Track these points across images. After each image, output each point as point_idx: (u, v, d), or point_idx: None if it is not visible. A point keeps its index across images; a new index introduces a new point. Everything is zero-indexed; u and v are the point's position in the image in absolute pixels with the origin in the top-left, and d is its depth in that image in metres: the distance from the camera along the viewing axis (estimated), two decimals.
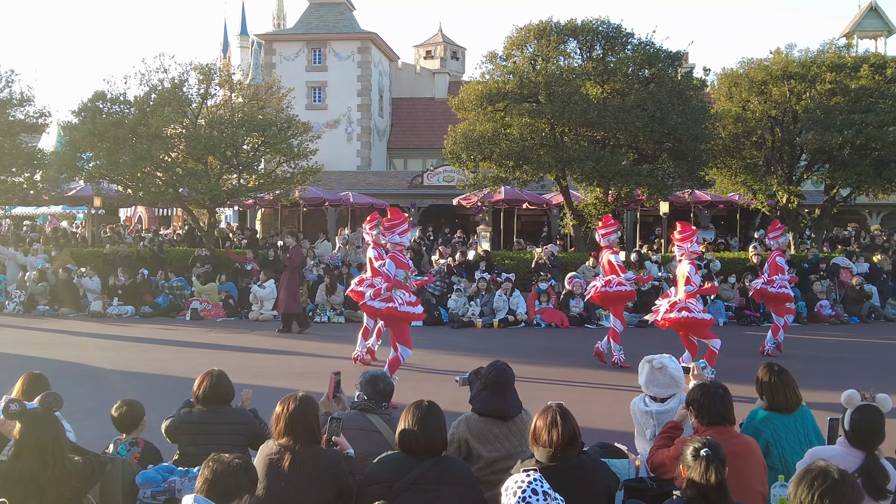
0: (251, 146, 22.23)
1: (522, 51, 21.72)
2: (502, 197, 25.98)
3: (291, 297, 15.60)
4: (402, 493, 3.93)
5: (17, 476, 4.00)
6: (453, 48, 48.41)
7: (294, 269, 15.78)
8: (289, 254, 15.91)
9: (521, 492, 3.26)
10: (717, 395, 4.44)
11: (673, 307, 10.79)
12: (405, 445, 4.12)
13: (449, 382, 10.74)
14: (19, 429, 4.15)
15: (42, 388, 5.18)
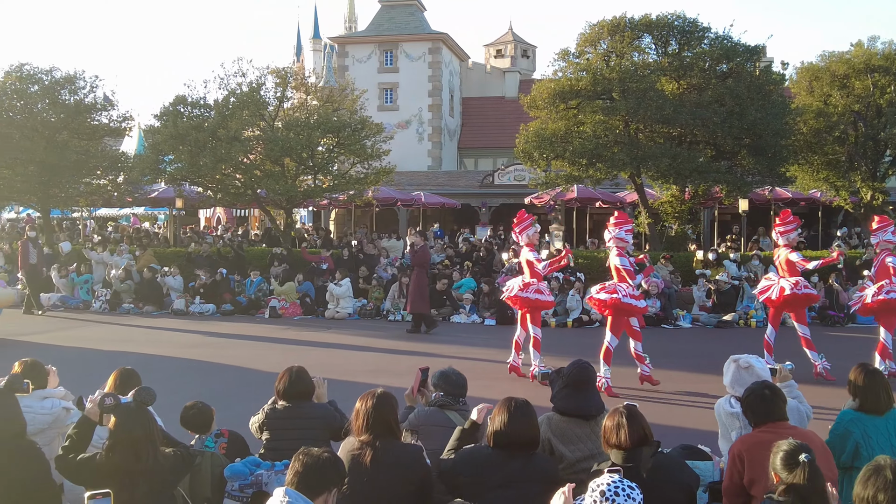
0: (326, 148, 22.59)
1: (596, 47, 21.50)
2: (575, 195, 25.75)
3: (421, 296, 15.51)
4: (495, 489, 3.94)
5: (111, 468, 4.15)
6: (524, 46, 48.21)
7: (421, 267, 15.68)
8: (415, 253, 15.84)
9: (605, 492, 3.26)
10: (764, 396, 4.41)
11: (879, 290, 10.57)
12: (498, 442, 4.11)
13: (523, 381, 10.78)
14: (113, 422, 4.30)
15: (133, 383, 5.37)
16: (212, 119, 21.32)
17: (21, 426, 4.59)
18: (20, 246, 18.76)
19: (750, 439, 4.32)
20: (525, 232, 11.27)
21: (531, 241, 11.30)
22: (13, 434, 4.48)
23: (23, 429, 4.61)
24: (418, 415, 5.09)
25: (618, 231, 10.54)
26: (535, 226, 11.42)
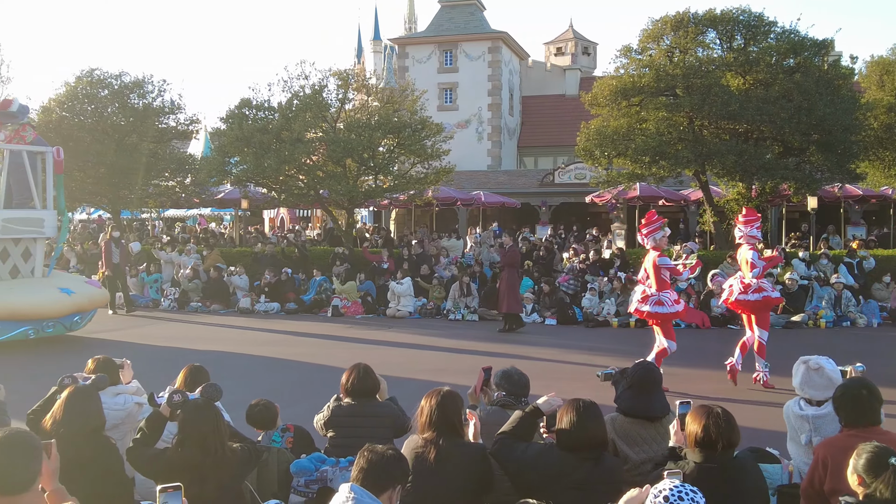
0: (386, 148, 22.76)
1: (658, 43, 21.16)
2: (637, 194, 25.41)
3: (513, 296, 15.44)
4: (565, 490, 3.91)
5: (181, 463, 4.26)
6: (584, 43, 47.78)
7: (512, 267, 15.61)
8: (506, 252, 15.76)
9: (668, 497, 3.21)
10: (859, 397, 4.16)
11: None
12: (566, 443, 4.07)
13: (584, 382, 10.67)
14: (182, 418, 4.43)
15: (202, 380, 5.51)
16: (276, 121, 21.69)
17: (100, 422, 4.75)
18: (104, 246, 19.39)
19: (837, 443, 4.07)
20: (652, 235, 10.21)
21: (659, 244, 10.23)
22: (92, 429, 4.63)
23: (102, 425, 4.77)
24: (479, 414, 5.09)
25: (749, 229, 10.34)
26: (664, 229, 10.35)
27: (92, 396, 4.78)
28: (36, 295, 13.44)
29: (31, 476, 3.17)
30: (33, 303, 13.29)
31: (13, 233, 13.75)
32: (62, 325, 13.84)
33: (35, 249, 14.29)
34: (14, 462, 3.11)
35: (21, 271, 14.06)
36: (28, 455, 3.16)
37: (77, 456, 4.25)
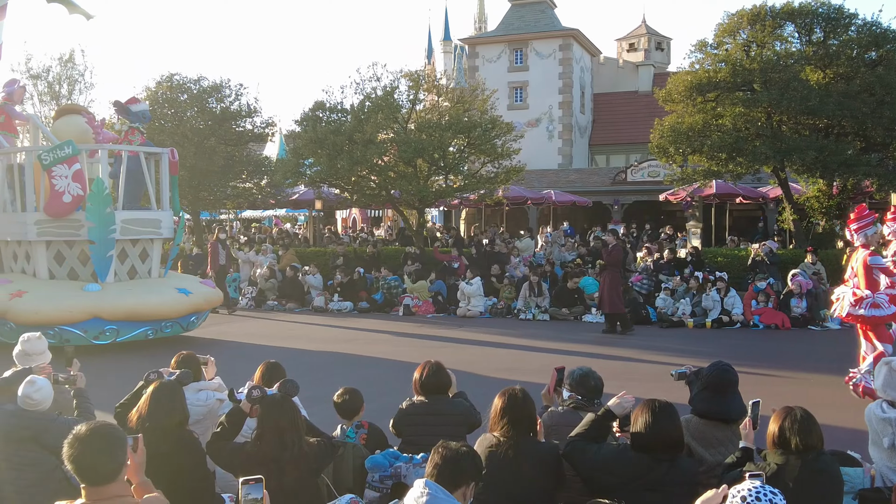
0: (457, 148, 22.84)
1: (735, 37, 20.74)
2: (713, 191, 24.88)
3: (616, 296, 15.24)
4: (640, 492, 3.89)
5: (259, 457, 4.38)
6: (658, 39, 47.00)
7: (615, 267, 15.41)
8: (609, 252, 15.55)
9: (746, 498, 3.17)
10: None
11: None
12: (641, 444, 4.03)
13: (658, 382, 10.51)
14: (261, 413, 4.55)
15: (278, 376, 5.64)
16: (348, 123, 22.00)
17: (184, 417, 4.89)
18: (210, 247, 20.03)
19: None
20: (863, 231, 9.35)
21: (869, 242, 9.40)
22: (176, 423, 4.78)
23: (185, 419, 4.92)
24: (552, 415, 5.08)
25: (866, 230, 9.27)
26: (876, 224, 9.49)
27: (176, 391, 4.92)
28: (155, 295, 13.49)
29: (117, 468, 3.29)
30: (153, 303, 13.33)
31: (131, 234, 13.81)
32: (179, 326, 13.91)
33: (152, 250, 14.42)
34: (100, 454, 3.23)
35: (138, 272, 14.19)
36: (113, 447, 3.28)
37: (161, 449, 4.38)
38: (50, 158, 12.83)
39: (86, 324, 12.59)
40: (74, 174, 12.95)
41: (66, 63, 31.76)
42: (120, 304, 12.87)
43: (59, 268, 13.60)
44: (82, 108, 16.73)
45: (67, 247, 13.55)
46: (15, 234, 13.76)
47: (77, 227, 13.19)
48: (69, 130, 14.47)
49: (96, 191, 13.07)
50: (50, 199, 13.05)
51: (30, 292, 12.74)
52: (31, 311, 12.43)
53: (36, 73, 31.13)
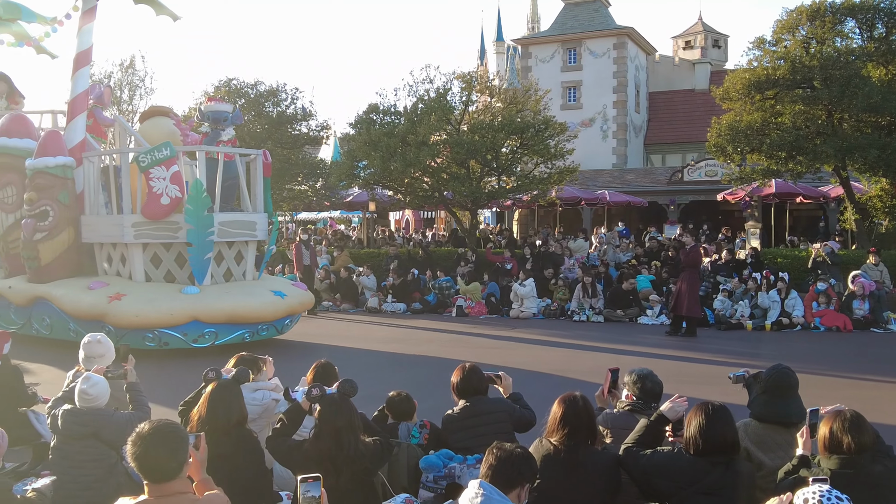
0: (510, 149, 22.82)
1: (794, 34, 20.34)
2: (773, 191, 24.36)
3: (693, 299, 14.92)
4: (696, 496, 3.84)
5: (317, 455, 4.45)
6: (714, 36, 46.19)
7: (694, 268, 15.16)
8: (687, 253, 15.33)
9: (809, 501, 3.11)
10: None
11: None
12: (696, 448, 3.98)
13: (716, 385, 10.36)
14: (319, 412, 4.62)
15: (331, 376, 5.72)
16: (402, 125, 22.16)
17: (242, 416, 4.98)
18: (294, 249, 20.37)
19: None
20: None
21: None
22: (235, 423, 4.88)
23: (244, 418, 5.01)
24: (606, 417, 5.04)
25: None
26: None
27: (233, 391, 5.00)
28: (253, 298, 13.21)
29: (178, 465, 3.38)
30: (252, 306, 13.06)
31: (228, 236, 13.57)
32: (274, 328, 13.64)
33: (247, 252, 14.19)
34: (162, 452, 3.32)
35: (234, 274, 13.98)
36: (175, 445, 3.38)
37: (221, 449, 4.47)
38: (148, 160, 12.71)
39: (185, 327, 12.43)
40: (172, 176, 12.81)
41: (126, 69, 32.75)
42: (219, 307, 12.66)
43: (156, 270, 13.45)
44: (169, 109, 16.89)
45: (164, 249, 13.41)
46: (111, 237, 13.58)
47: (175, 230, 13.02)
48: (156, 132, 14.51)
49: (195, 193, 12.84)
50: (148, 202, 12.89)
51: (129, 295, 12.55)
52: (131, 313, 12.28)
53: (98, 78, 32.04)
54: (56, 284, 13.44)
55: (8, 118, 14.61)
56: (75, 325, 12.81)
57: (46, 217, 13.41)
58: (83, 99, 14.61)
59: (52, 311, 13.28)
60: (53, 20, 16.80)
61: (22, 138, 14.28)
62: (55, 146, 13.69)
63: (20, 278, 14.14)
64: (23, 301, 13.79)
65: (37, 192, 13.36)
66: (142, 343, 12.11)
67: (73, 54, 14.50)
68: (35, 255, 13.51)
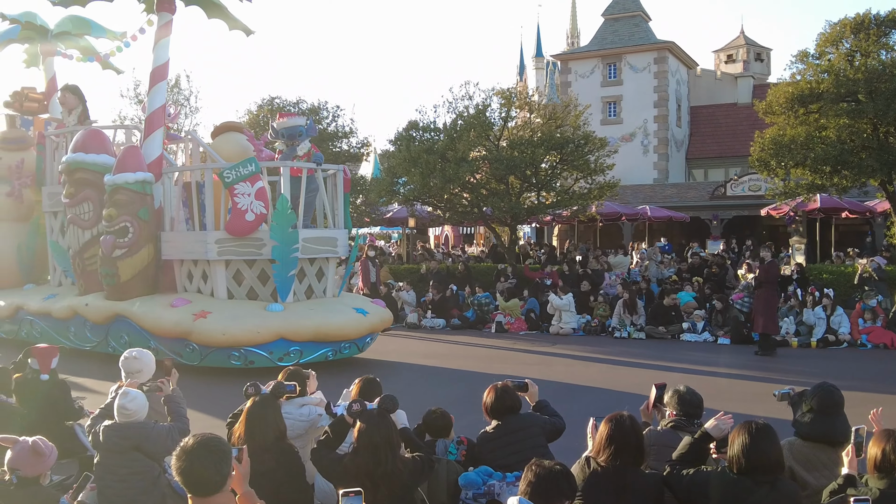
0: (549, 164, 22.79)
1: (838, 47, 20.04)
2: (818, 205, 23.94)
3: (770, 316, 14.65)
4: None
5: (355, 470, 4.48)
6: (757, 50, 45.68)
7: (771, 284, 14.88)
8: (765, 268, 14.96)
9: None
10: None
11: None
12: (739, 468, 3.92)
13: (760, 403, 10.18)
14: (358, 427, 4.64)
15: (375, 392, 5.76)
16: (441, 141, 22.27)
17: (282, 430, 5.04)
18: (360, 265, 20.49)
19: None
20: None
21: None
22: (274, 438, 4.93)
23: (283, 432, 5.06)
24: (650, 434, 5.00)
25: None
26: None
27: (270, 405, 5.05)
28: (337, 315, 12.98)
29: (222, 479, 3.42)
30: (337, 324, 12.82)
31: (311, 252, 13.32)
32: (356, 346, 13.39)
33: (328, 269, 13.96)
34: (206, 465, 3.36)
35: (315, 291, 13.70)
36: (219, 459, 3.41)
37: (262, 465, 4.52)
38: (232, 176, 12.47)
39: (272, 345, 12.16)
40: (257, 192, 12.59)
41: (172, 88, 33.36)
42: (305, 325, 12.39)
43: (238, 287, 13.16)
44: (241, 125, 17.00)
45: (247, 266, 13.14)
46: (193, 254, 13.31)
47: (259, 246, 12.79)
48: (229, 148, 14.44)
49: (280, 208, 12.63)
50: (232, 218, 12.64)
51: (214, 313, 12.29)
52: (217, 331, 12.01)
53: (143, 98, 32.73)
54: (135, 302, 13.24)
55: (84, 133, 14.55)
56: (156, 343, 12.57)
57: (126, 233, 13.24)
58: (160, 114, 14.55)
59: (131, 329, 13.09)
60: (123, 35, 17.04)
61: (99, 154, 14.18)
62: (134, 161, 13.57)
63: (97, 295, 13.93)
64: (100, 318, 13.60)
65: (116, 209, 13.20)
66: (227, 362, 11.95)
67: (149, 69, 14.51)
68: (114, 271, 13.31)
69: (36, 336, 14.58)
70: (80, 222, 14.17)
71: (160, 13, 14.30)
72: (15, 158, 16.78)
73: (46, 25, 17.56)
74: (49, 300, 14.91)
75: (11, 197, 16.65)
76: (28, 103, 17.34)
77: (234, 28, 15.45)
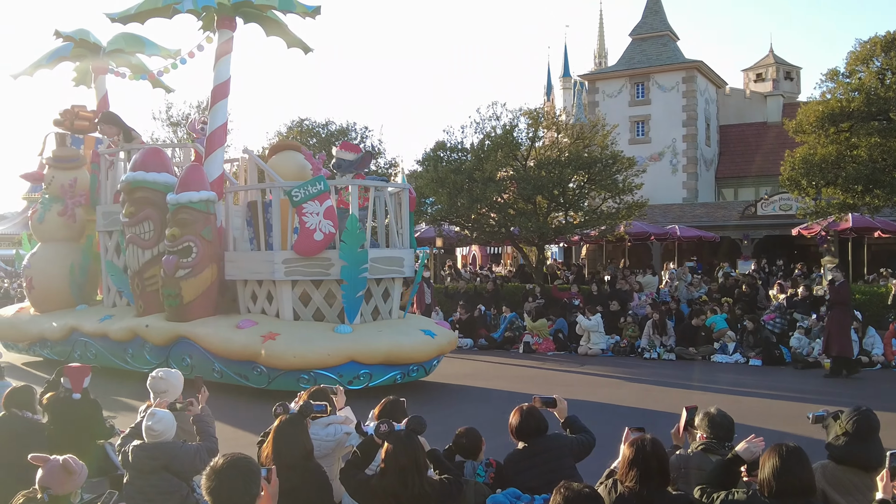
0: (577, 184, 22.77)
1: (868, 65, 19.87)
2: (850, 225, 23.63)
3: (845, 337, 14.23)
4: None
5: (382, 492, 4.48)
6: (786, 68, 45.37)
7: (843, 305, 14.55)
8: (836, 289, 14.65)
9: None
10: None
11: None
12: (768, 491, 3.88)
13: (793, 425, 10.04)
14: (385, 448, 4.64)
15: (398, 412, 5.75)
16: (468, 162, 22.36)
17: (308, 449, 5.05)
18: None
19: None
20: None
21: None
22: (302, 456, 4.95)
23: (310, 452, 5.08)
24: (680, 457, 4.95)
25: None
26: None
27: (298, 425, 5.07)
28: (406, 337, 12.55)
29: (251, 498, 3.44)
30: (407, 346, 12.41)
31: (378, 273, 12.91)
32: (423, 370, 12.92)
33: (393, 290, 13.55)
34: (236, 485, 3.39)
35: (381, 313, 13.32)
36: (248, 479, 3.43)
37: (288, 483, 4.51)
38: (301, 195, 12.16)
39: (342, 367, 11.80)
40: (326, 211, 12.26)
41: (203, 111, 33.86)
42: (376, 347, 12.02)
43: (305, 308, 12.79)
44: (298, 144, 16.89)
45: (314, 286, 12.78)
46: (259, 274, 12.96)
47: (327, 266, 12.44)
48: (288, 167, 14.14)
49: (350, 228, 12.28)
50: (300, 237, 12.27)
51: (282, 334, 11.96)
52: (288, 354, 11.69)
53: (176, 120, 33.31)
54: (199, 323, 12.95)
55: (144, 152, 14.39)
56: (221, 366, 12.44)
57: (190, 253, 12.94)
58: (222, 132, 14.43)
59: (194, 351, 12.84)
60: (177, 53, 16.81)
61: (159, 172, 13.98)
62: (198, 180, 13.32)
63: (157, 316, 13.65)
64: (161, 340, 13.33)
65: (180, 228, 12.93)
66: (296, 385, 11.16)
67: (211, 87, 14.34)
68: (177, 292, 13.03)
69: (90, 358, 14.29)
70: (139, 242, 13.87)
71: (220, 30, 14.14)
72: (68, 177, 16.68)
73: (99, 43, 17.41)
74: (105, 321, 14.59)
75: (64, 216, 16.51)
76: (79, 122, 17.08)
77: (292, 46, 15.21)
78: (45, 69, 17.42)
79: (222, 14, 13.99)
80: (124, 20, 14.21)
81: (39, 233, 16.91)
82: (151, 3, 13.78)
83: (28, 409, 6.53)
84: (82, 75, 18.40)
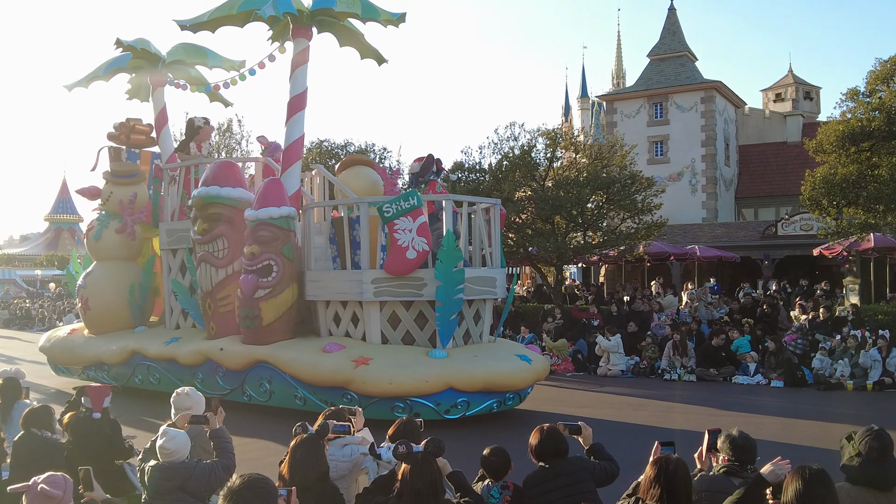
0: (595, 204, 22.72)
1: (888, 84, 19.75)
2: (871, 245, 23.38)
3: None
4: None
5: None
6: (806, 88, 45.17)
7: None
8: None
9: None
10: None
11: None
12: None
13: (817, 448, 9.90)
14: (402, 470, 4.60)
15: (412, 433, 5.71)
16: (486, 182, 22.39)
17: (324, 470, 5.02)
18: None
19: None
20: None
21: None
22: (317, 478, 4.93)
23: (326, 473, 5.05)
24: (702, 479, 4.88)
25: None
26: None
27: (314, 445, 5.02)
28: (503, 363, 11.75)
29: None
30: (506, 373, 11.61)
31: (471, 293, 11.98)
32: (518, 397, 12.18)
33: (484, 311, 12.74)
34: None
35: (472, 336, 12.45)
36: (264, 499, 3.41)
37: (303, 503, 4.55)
38: (393, 211, 11.39)
39: (440, 395, 11.05)
40: (419, 227, 11.45)
41: (224, 132, 34.11)
42: (475, 374, 11.25)
43: (393, 331, 11.98)
44: (369, 159, 16.38)
45: (404, 308, 11.94)
46: (345, 294, 12.17)
47: (419, 286, 11.59)
48: (359, 182, 13.75)
49: (447, 246, 11.39)
50: (392, 255, 11.50)
51: (375, 359, 11.23)
52: (383, 380, 10.95)
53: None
54: (280, 346, 12.23)
55: (216, 166, 13.63)
56: (305, 392, 11.74)
57: (270, 272, 12.16)
58: (299, 146, 13.81)
59: (275, 376, 12.11)
60: (241, 64, 16.11)
61: (234, 187, 13.20)
62: (277, 195, 12.52)
63: (232, 339, 12.88)
64: (237, 365, 12.58)
65: (259, 246, 12.14)
66: (390, 414, 10.28)
67: (287, 99, 13.73)
68: (256, 313, 12.21)
69: (152, 383, 13.86)
70: (212, 260, 13.08)
71: (296, 40, 13.57)
72: (127, 193, 16.03)
73: (160, 54, 16.47)
74: (172, 344, 13.79)
75: (123, 233, 15.83)
76: (135, 136, 16.50)
77: (365, 56, 14.62)
78: (100, 80, 16.55)
79: (299, 23, 13.48)
80: (195, 28, 13.60)
81: (96, 251, 16.18)
82: (225, 10, 13.24)
83: (47, 428, 6.55)
84: (136, 88, 17.52)
